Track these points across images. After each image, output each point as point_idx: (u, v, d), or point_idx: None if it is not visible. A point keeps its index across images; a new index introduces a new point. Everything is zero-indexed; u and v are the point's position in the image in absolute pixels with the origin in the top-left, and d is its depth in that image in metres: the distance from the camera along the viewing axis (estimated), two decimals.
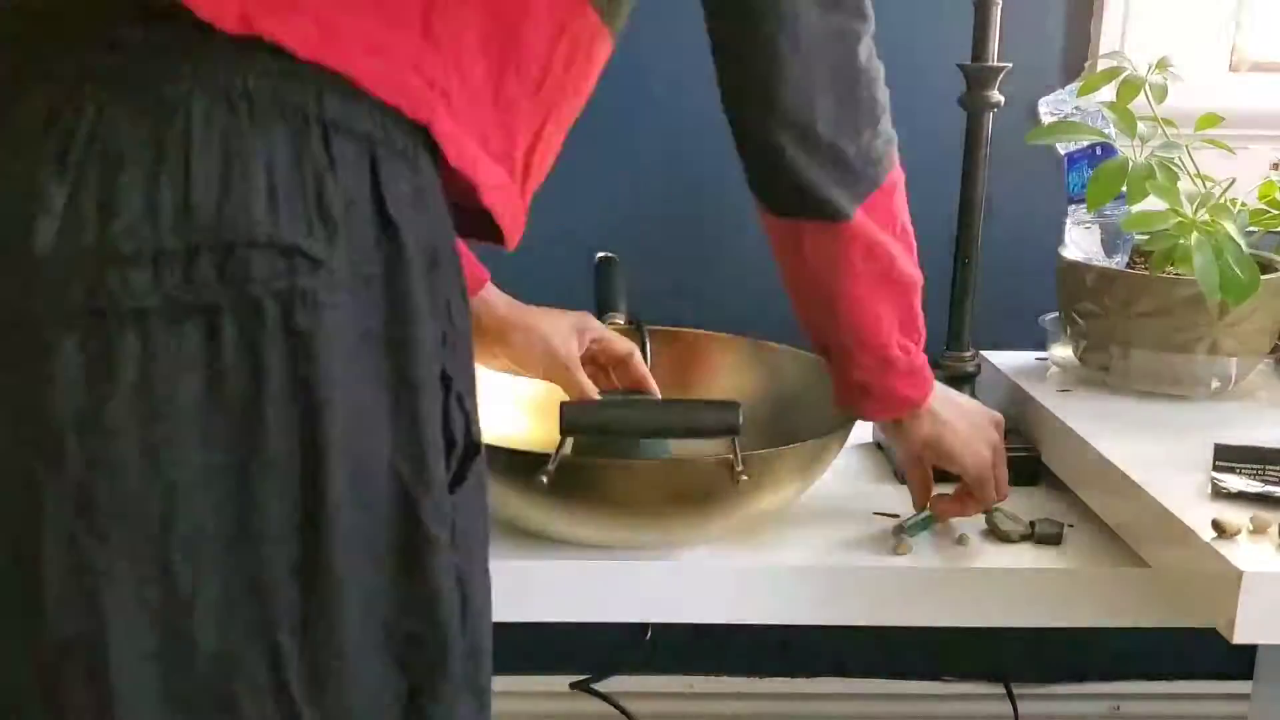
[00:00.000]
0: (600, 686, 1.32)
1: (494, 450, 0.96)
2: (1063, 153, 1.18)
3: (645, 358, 1.18)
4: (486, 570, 0.72)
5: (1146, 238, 1.10)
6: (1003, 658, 1.56)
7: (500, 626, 1.00)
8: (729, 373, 1.22)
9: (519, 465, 0.94)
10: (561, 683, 1.59)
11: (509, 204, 0.71)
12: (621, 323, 1.16)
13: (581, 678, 1.31)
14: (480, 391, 0.72)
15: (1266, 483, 0.92)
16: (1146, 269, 1.11)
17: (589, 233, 1.07)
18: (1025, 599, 1.00)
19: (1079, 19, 1.43)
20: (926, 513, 1.03)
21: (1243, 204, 1.13)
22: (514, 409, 1.19)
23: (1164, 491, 0.92)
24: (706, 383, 1.22)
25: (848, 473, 1.18)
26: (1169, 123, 1.12)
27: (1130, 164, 1.07)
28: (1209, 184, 1.10)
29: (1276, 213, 1.14)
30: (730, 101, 0.84)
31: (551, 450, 0.92)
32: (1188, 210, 1.06)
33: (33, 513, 0.59)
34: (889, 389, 0.93)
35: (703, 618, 1.00)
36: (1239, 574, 0.80)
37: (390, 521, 0.64)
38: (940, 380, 1.19)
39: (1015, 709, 1.52)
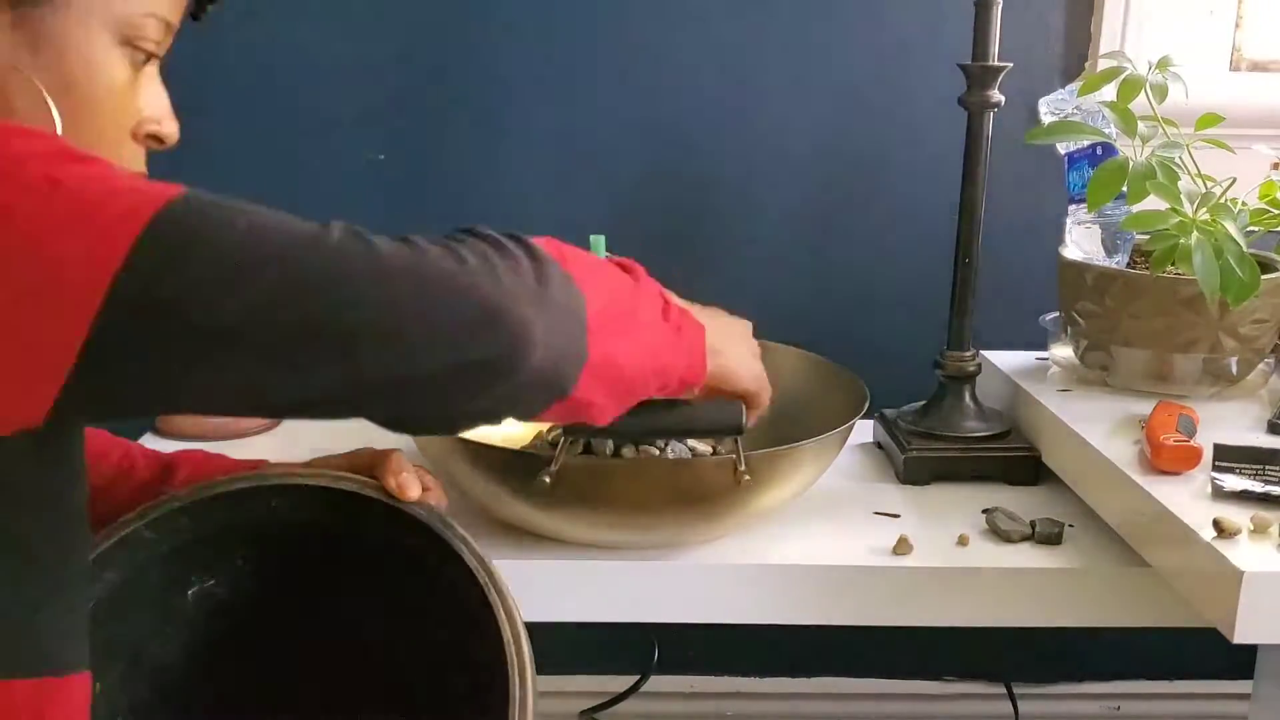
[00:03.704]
0: (600, 682, 1.32)
1: (494, 450, 0.97)
2: (1063, 153, 1.18)
3: None
4: None
5: (1146, 238, 1.10)
6: (1003, 658, 1.56)
7: None
8: None
9: (520, 465, 0.94)
10: (562, 682, 1.60)
11: None
12: None
13: (590, 705, 1.32)
14: None
15: (1266, 483, 0.92)
16: (1146, 269, 1.11)
17: (588, 233, 1.06)
18: (1025, 599, 1.00)
19: (1079, 19, 1.44)
20: None
21: (1243, 204, 1.13)
22: None
23: (1164, 491, 0.93)
24: None
25: (848, 473, 1.18)
26: (1169, 122, 1.12)
27: (1130, 164, 1.07)
28: (1209, 184, 1.10)
29: (1276, 213, 1.14)
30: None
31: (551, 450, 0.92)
32: (1188, 210, 1.06)
33: None
34: (686, 381, 0.84)
35: (703, 618, 1.00)
36: (1239, 574, 0.80)
37: None
38: (940, 380, 1.20)
39: (1015, 709, 1.52)
